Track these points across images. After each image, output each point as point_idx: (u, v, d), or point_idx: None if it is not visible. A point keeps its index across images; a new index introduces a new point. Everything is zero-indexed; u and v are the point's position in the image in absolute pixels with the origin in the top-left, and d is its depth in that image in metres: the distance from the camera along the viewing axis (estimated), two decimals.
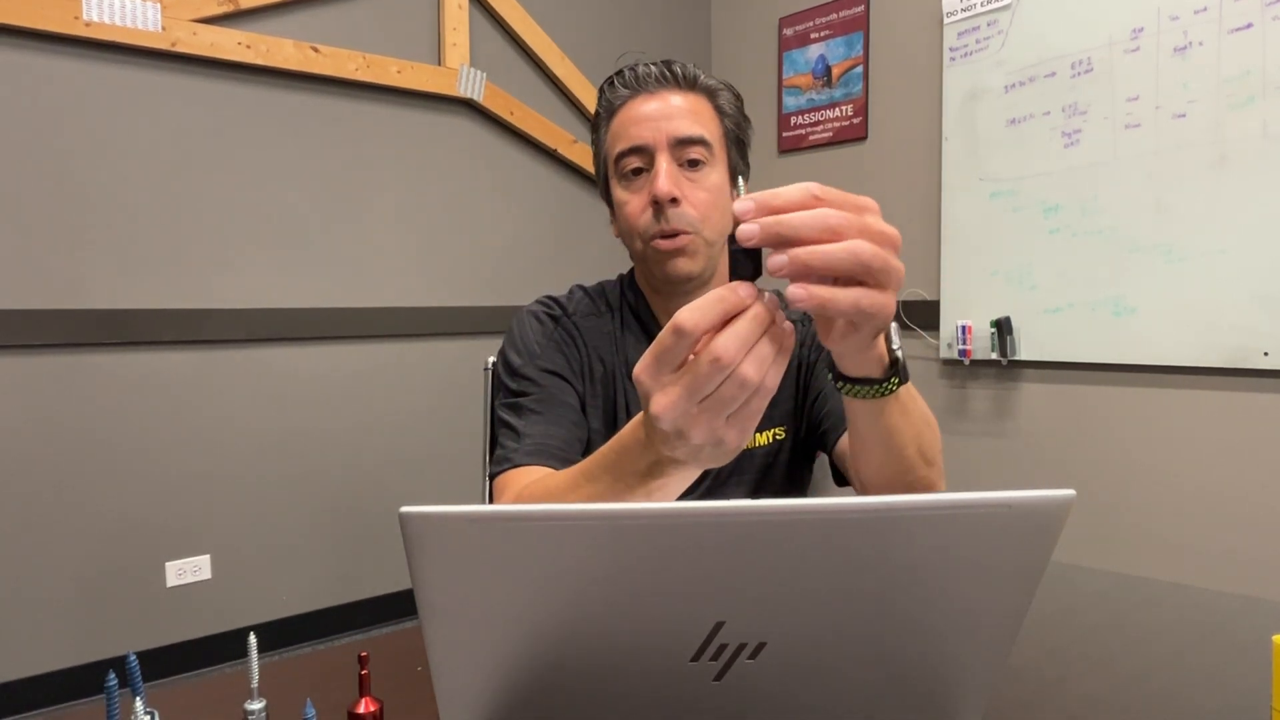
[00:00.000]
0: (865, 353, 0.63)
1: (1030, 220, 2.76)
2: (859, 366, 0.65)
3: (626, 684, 0.49)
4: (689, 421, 0.52)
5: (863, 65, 3.24)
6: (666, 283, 1.02)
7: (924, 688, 0.52)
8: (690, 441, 0.53)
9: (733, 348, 0.50)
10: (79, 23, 2.30)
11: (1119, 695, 0.71)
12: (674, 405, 0.52)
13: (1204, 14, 2.38)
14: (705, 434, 0.53)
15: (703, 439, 0.53)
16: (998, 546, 0.46)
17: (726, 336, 0.50)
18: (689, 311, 0.50)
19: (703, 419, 0.52)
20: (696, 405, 0.52)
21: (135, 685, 0.59)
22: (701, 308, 0.50)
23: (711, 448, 0.54)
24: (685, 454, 0.55)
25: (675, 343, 0.51)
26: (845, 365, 0.65)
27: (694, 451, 0.54)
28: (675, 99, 0.99)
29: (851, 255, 0.50)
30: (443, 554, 0.44)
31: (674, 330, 0.51)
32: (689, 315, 0.50)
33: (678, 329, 0.50)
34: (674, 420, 0.52)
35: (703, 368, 0.50)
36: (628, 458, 0.63)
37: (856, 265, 0.51)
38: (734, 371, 0.50)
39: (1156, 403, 2.55)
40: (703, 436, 0.53)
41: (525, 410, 0.98)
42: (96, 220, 2.40)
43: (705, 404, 0.51)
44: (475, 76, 3.05)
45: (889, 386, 0.66)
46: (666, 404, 0.52)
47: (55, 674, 2.36)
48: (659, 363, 0.52)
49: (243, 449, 2.66)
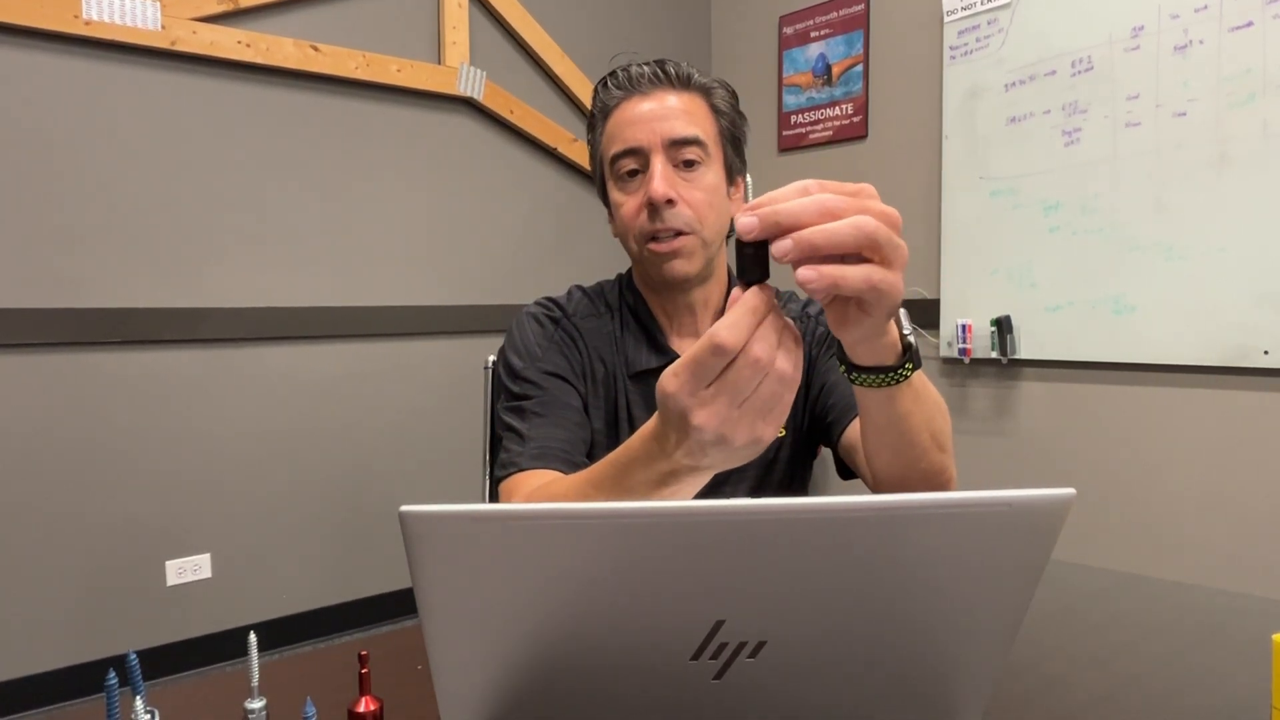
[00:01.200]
0: (878, 339, 0.63)
1: (1030, 219, 2.76)
2: (873, 355, 0.65)
3: (626, 683, 0.49)
4: (731, 426, 0.53)
5: (863, 64, 3.24)
6: (664, 283, 1.02)
7: (924, 686, 0.52)
8: (732, 445, 0.54)
9: (767, 347, 0.51)
10: (79, 21, 2.30)
11: (1119, 694, 0.71)
12: (717, 414, 0.53)
13: (1204, 12, 2.38)
14: (747, 434, 0.54)
15: (744, 440, 0.54)
16: (998, 545, 0.46)
17: (759, 338, 0.51)
18: (726, 330, 0.51)
19: (744, 421, 0.53)
20: (738, 409, 0.53)
21: (135, 684, 0.59)
22: (737, 324, 0.51)
23: (748, 448, 0.55)
24: (716, 459, 0.56)
25: (715, 360, 0.52)
26: (859, 355, 0.65)
27: (729, 455, 0.55)
28: (670, 99, 0.99)
29: (856, 229, 0.51)
30: (443, 553, 0.44)
31: (713, 349, 0.51)
32: (728, 334, 0.51)
33: (718, 347, 0.51)
34: (717, 429, 0.53)
35: (744, 372, 0.51)
36: (637, 468, 0.63)
37: (863, 239, 0.51)
38: (772, 369, 0.52)
39: (1156, 401, 2.55)
40: (745, 437, 0.54)
41: (528, 413, 0.98)
42: (96, 219, 2.40)
43: (746, 406, 0.53)
44: (475, 75, 3.05)
45: (904, 373, 0.66)
46: (709, 414, 0.53)
47: (55, 673, 2.36)
48: (696, 379, 0.53)
49: (243, 448, 2.66)
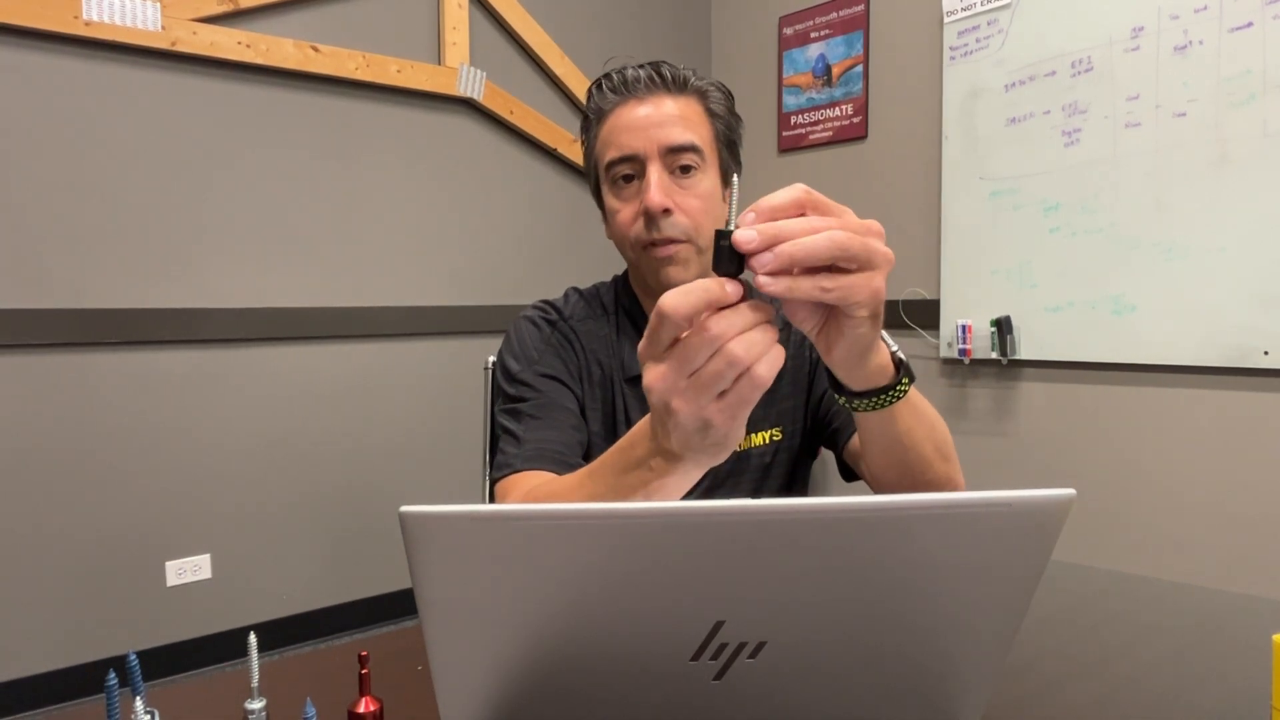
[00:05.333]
0: (869, 358, 0.63)
1: (1030, 219, 2.76)
2: (866, 378, 0.65)
3: (626, 683, 0.49)
4: (676, 395, 0.54)
5: (863, 64, 3.24)
6: (659, 288, 1.02)
7: (924, 687, 0.52)
8: (677, 418, 0.54)
9: (723, 325, 0.52)
10: (79, 22, 2.30)
11: (1119, 694, 0.71)
12: (663, 377, 0.54)
13: (1204, 12, 2.38)
14: (691, 410, 0.54)
15: (689, 415, 0.54)
16: (998, 546, 0.46)
17: (718, 317, 0.52)
18: (671, 295, 0.53)
19: (690, 394, 0.54)
20: (685, 379, 0.53)
21: (135, 684, 0.59)
22: (683, 292, 0.52)
23: (699, 432, 0.55)
24: (679, 441, 0.56)
25: (659, 325, 0.53)
26: (854, 380, 0.66)
27: (684, 435, 0.55)
28: (666, 104, 0.98)
29: (830, 241, 0.53)
30: (443, 554, 0.44)
31: (657, 312, 0.53)
32: (670, 299, 0.53)
33: (660, 312, 0.53)
34: (662, 393, 0.54)
35: (692, 340, 0.53)
36: (630, 448, 0.64)
37: (834, 249, 0.53)
38: (722, 348, 0.52)
39: (1156, 402, 2.55)
40: (689, 412, 0.54)
41: (525, 416, 0.99)
42: (95, 219, 2.40)
43: (693, 379, 0.53)
44: (475, 75, 3.05)
45: (901, 389, 0.66)
46: (656, 375, 0.54)
47: (55, 673, 2.36)
48: (650, 343, 0.55)
49: (243, 448, 2.66)
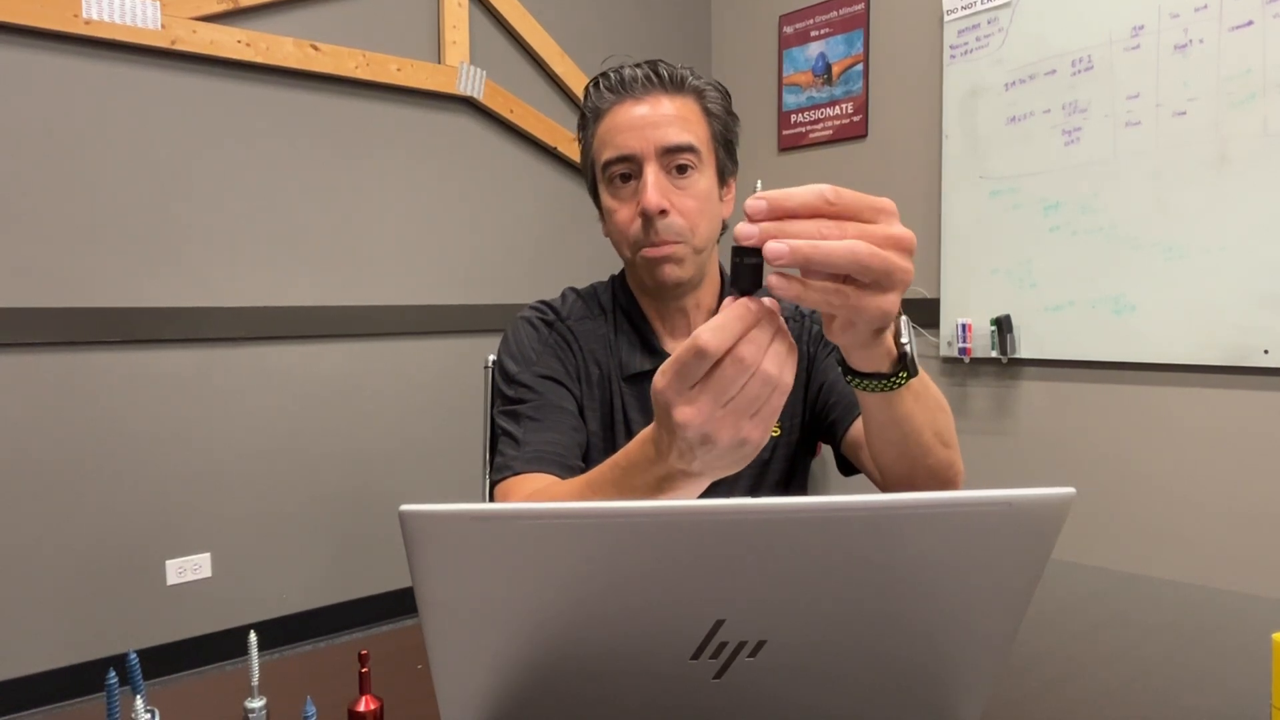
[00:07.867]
0: (870, 349, 0.64)
1: (1030, 218, 2.75)
2: (868, 362, 0.66)
3: (626, 682, 0.49)
4: (715, 425, 0.53)
5: (863, 63, 3.24)
6: (656, 288, 1.02)
7: (924, 686, 0.52)
8: (717, 446, 0.54)
9: (754, 351, 0.52)
10: (78, 21, 2.30)
11: (1118, 694, 0.71)
12: (700, 412, 0.53)
13: (1204, 11, 2.38)
14: (731, 435, 0.54)
15: (729, 440, 0.54)
16: (997, 545, 0.46)
17: (747, 342, 0.52)
18: (710, 333, 0.51)
19: (728, 420, 0.53)
20: (722, 408, 0.53)
21: (136, 683, 0.59)
22: (722, 328, 0.51)
23: (734, 450, 0.55)
24: (706, 462, 0.56)
25: (697, 362, 0.52)
26: (855, 360, 0.66)
27: (717, 457, 0.55)
28: (663, 104, 0.98)
29: (850, 254, 0.51)
30: (443, 553, 0.44)
31: (696, 351, 0.52)
32: (710, 336, 0.51)
33: (700, 350, 0.51)
34: (700, 426, 0.53)
35: (728, 371, 0.52)
36: (635, 473, 0.63)
37: (853, 263, 0.52)
38: (757, 370, 0.52)
39: (1156, 401, 2.55)
40: (729, 438, 0.54)
41: (523, 417, 0.99)
42: (96, 218, 2.40)
43: (730, 405, 0.53)
44: (475, 74, 3.05)
45: (897, 381, 0.67)
46: (692, 412, 0.53)
47: (56, 672, 2.36)
48: (681, 379, 0.53)
49: (243, 447, 2.66)
